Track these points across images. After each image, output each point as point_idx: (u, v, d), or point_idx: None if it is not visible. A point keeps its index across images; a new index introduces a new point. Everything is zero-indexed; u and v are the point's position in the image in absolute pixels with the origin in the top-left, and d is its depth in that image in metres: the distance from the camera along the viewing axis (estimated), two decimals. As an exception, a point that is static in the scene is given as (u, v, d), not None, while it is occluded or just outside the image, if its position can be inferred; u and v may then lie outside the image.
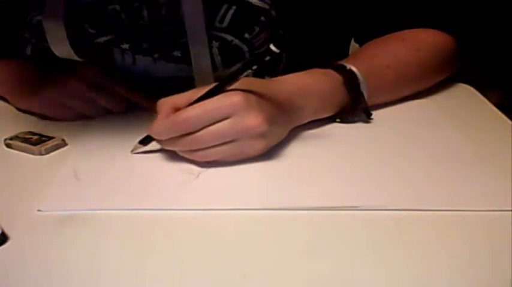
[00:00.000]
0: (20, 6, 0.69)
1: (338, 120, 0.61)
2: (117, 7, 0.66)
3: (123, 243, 0.42)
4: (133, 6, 0.66)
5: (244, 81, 0.51)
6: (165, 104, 0.51)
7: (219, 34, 0.66)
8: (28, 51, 0.70)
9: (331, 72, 0.59)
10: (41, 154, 0.56)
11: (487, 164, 0.52)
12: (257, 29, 0.67)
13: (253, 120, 0.49)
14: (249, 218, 0.45)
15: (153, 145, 0.54)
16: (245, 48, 0.67)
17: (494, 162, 0.52)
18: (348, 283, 0.37)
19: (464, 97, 0.69)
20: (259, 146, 0.51)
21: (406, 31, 0.67)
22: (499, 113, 0.63)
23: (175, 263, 0.39)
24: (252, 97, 0.50)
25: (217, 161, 0.51)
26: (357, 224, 0.43)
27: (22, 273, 0.39)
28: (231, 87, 0.50)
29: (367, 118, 0.61)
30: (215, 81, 0.64)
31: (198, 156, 0.51)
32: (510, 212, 0.44)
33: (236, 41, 0.67)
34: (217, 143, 0.50)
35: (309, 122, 0.60)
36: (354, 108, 0.60)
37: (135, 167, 0.53)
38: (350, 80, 0.59)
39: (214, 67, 0.67)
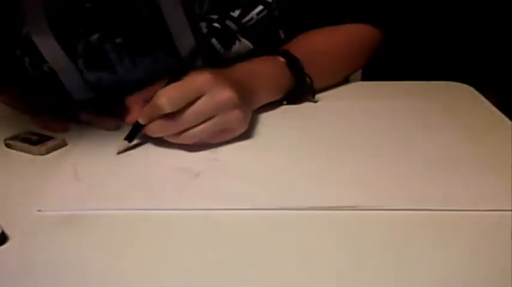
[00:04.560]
0: (4, 21, 0.69)
1: (285, 102, 0.66)
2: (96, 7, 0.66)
3: (122, 243, 0.42)
4: (114, 11, 0.66)
5: (201, 69, 0.54)
6: (134, 98, 0.56)
7: (204, 15, 0.67)
8: (30, 71, 0.70)
9: (276, 57, 0.65)
10: (41, 154, 0.56)
11: (487, 164, 0.52)
12: (238, 10, 0.68)
13: (226, 93, 0.53)
14: (249, 218, 0.45)
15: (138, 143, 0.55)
16: (234, 27, 0.68)
17: (494, 162, 0.52)
18: (348, 282, 0.37)
19: (464, 97, 0.69)
20: (237, 116, 0.54)
21: (337, 26, 0.72)
22: (499, 113, 0.63)
23: (175, 263, 0.39)
24: (219, 74, 0.54)
25: (208, 143, 0.54)
26: (357, 224, 0.43)
27: (22, 273, 0.39)
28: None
29: (313, 98, 0.67)
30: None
31: (185, 138, 0.53)
32: (510, 212, 0.44)
33: (222, 19, 0.68)
34: (199, 121, 0.52)
35: (307, 122, 0.60)
36: (301, 88, 0.65)
37: (135, 167, 0.53)
38: (294, 63, 0.64)
39: (215, 52, 0.68)
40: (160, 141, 0.58)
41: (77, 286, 0.38)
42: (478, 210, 0.45)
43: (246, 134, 0.57)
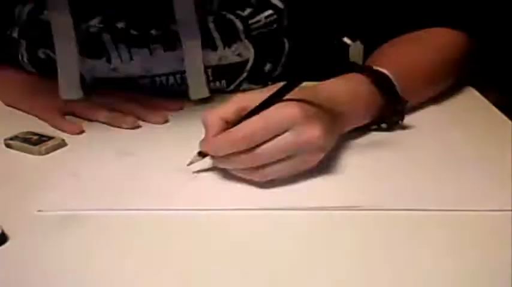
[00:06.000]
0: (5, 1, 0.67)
1: (375, 127, 0.58)
2: None
3: (122, 243, 0.42)
4: None
5: (302, 89, 0.48)
6: (212, 117, 0.48)
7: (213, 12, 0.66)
8: (25, 58, 0.69)
9: (359, 75, 0.57)
10: (41, 154, 0.56)
11: (487, 164, 0.52)
12: (249, 9, 0.66)
13: (314, 132, 0.46)
14: (249, 218, 0.45)
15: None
16: (239, 25, 0.66)
17: (494, 162, 0.52)
18: (348, 282, 0.37)
19: (464, 97, 0.69)
20: (316, 159, 0.49)
21: (420, 32, 0.66)
22: (499, 113, 0.63)
23: (175, 263, 0.39)
24: (309, 107, 0.47)
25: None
26: (357, 224, 0.43)
27: (22, 273, 0.39)
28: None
29: (401, 122, 0.58)
30: (207, 65, 0.65)
31: (259, 175, 0.48)
32: (510, 212, 0.44)
33: (230, 16, 0.66)
34: (278, 158, 0.47)
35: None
36: (393, 110, 0.58)
37: (134, 168, 0.53)
38: (384, 83, 0.57)
39: (214, 46, 0.67)
40: (160, 142, 0.58)
41: (76, 286, 0.38)
42: (478, 210, 0.45)
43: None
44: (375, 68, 0.58)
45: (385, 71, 0.58)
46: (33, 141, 0.57)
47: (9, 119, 0.66)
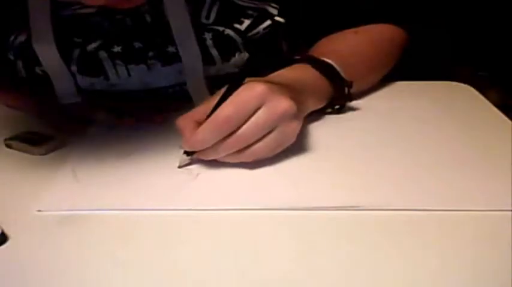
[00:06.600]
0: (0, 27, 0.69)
1: (329, 110, 0.63)
2: (99, 19, 0.66)
3: (122, 243, 0.42)
4: (116, 19, 0.66)
5: (251, 80, 0.51)
6: (185, 120, 0.51)
7: (209, 26, 0.67)
8: (23, 73, 0.70)
9: (305, 65, 0.61)
10: (41, 154, 0.56)
11: (487, 164, 0.52)
12: (247, 21, 0.67)
13: (284, 102, 0.49)
14: (249, 218, 0.45)
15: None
16: (239, 39, 0.67)
17: (494, 162, 0.52)
18: (348, 283, 0.37)
19: (464, 97, 0.69)
20: (296, 127, 0.51)
21: (360, 27, 0.69)
22: (499, 113, 0.63)
23: (175, 263, 0.39)
24: (272, 85, 0.50)
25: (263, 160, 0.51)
26: (357, 224, 0.43)
27: (22, 273, 0.39)
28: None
29: (350, 101, 0.63)
30: (205, 76, 0.65)
31: (247, 155, 0.50)
32: (510, 212, 0.44)
33: (228, 31, 0.67)
34: (259, 135, 0.49)
35: (307, 123, 0.60)
36: (343, 94, 0.62)
37: (134, 168, 0.53)
38: (329, 70, 0.61)
39: (212, 61, 0.67)
40: (159, 142, 0.58)
41: (76, 286, 0.38)
42: (478, 210, 0.45)
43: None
44: (317, 57, 0.62)
45: (327, 59, 0.62)
46: (33, 141, 0.57)
47: (9, 119, 0.66)
